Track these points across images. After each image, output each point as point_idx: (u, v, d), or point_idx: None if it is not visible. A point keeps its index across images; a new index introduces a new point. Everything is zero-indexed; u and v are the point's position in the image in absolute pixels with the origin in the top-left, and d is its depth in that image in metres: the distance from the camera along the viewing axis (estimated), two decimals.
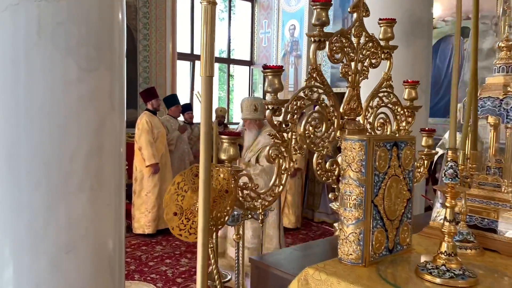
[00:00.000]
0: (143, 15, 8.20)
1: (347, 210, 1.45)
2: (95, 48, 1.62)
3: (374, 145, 1.47)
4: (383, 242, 1.51)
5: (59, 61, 1.54)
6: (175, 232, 1.45)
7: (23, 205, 1.53)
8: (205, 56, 1.20)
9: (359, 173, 1.44)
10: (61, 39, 1.53)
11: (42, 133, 1.53)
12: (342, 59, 2.07)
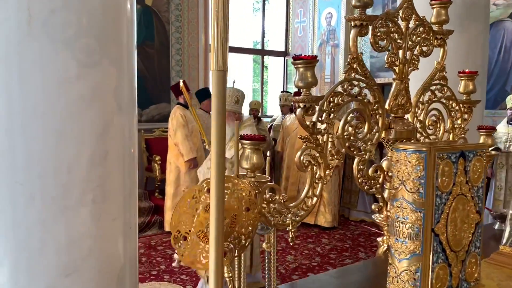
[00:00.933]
0: (175, 7, 8.03)
1: (400, 241, 1.16)
2: (96, 39, 1.39)
3: (436, 157, 1.16)
4: (446, 281, 1.21)
5: (55, 55, 1.32)
6: (185, 261, 1.21)
7: (17, 220, 1.33)
8: (216, 47, 0.95)
9: (417, 194, 1.15)
10: (56, 30, 1.31)
11: (36, 140, 1.33)
12: (388, 46, 1.77)
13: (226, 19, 0.99)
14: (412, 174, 1.16)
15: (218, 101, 0.99)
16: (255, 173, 1.41)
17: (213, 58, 0.96)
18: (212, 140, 1.04)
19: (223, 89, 0.98)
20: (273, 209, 1.49)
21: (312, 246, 5.79)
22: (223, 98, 0.99)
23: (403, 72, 1.81)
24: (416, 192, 1.15)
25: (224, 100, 1.00)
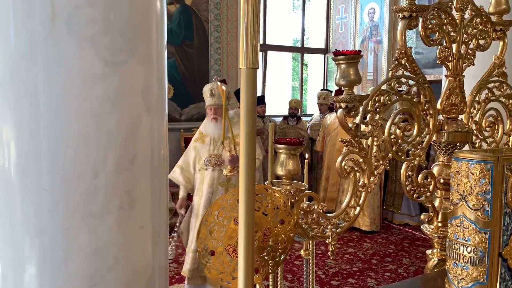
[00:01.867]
0: (214, 5, 7.99)
1: (460, 266, 1.00)
2: (123, 37, 1.31)
3: (506, 168, 1.00)
4: None
5: (79, 53, 1.25)
6: (213, 276, 1.11)
7: (41, 229, 1.28)
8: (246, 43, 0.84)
9: (481, 211, 0.98)
10: (81, 27, 1.24)
11: (60, 143, 1.26)
12: (440, 40, 1.60)
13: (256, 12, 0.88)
14: (475, 188, 1.00)
15: (248, 100, 0.88)
16: (291, 181, 1.29)
17: (243, 55, 0.85)
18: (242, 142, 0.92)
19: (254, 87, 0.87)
20: (311, 220, 1.36)
21: (353, 250, 5.58)
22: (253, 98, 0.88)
23: (457, 68, 1.64)
24: (480, 209, 0.99)
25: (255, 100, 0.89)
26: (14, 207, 1.31)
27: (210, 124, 3.75)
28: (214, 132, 3.71)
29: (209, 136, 3.71)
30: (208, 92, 3.75)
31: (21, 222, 1.29)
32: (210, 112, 3.76)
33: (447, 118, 1.65)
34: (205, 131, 3.75)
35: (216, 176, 3.68)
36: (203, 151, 3.70)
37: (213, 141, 3.72)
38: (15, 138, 1.29)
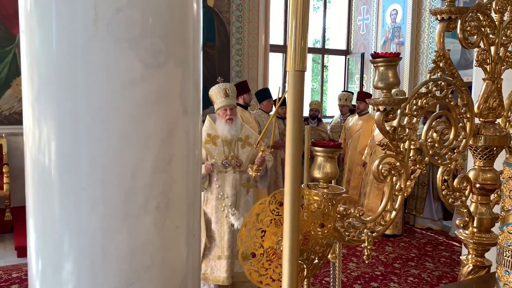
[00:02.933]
0: (236, 7, 8.03)
1: (511, 273, 0.99)
2: (162, 39, 1.32)
3: None
4: None
5: (120, 56, 1.27)
6: (253, 279, 1.11)
7: (80, 229, 1.30)
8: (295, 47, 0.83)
9: None
10: (121, 29, 1.26)
11: (100, 143, 1.28)
12: (478, 42, 1.57)
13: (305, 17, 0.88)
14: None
15: (294, 103, 0.88)
16: (328, 184, 1.28)
17: (290, 57, 0.85)
18: (287, 144, 0.92)
19: (301, 90, 0.87)
20: (347, 224, 1.35)
21: (375, 254, 5.53)
22: (301, 100, 0.88)
23: (495, 71, 1.61)
24: None
25: (302, 102, 0.89)
26: (54, 206, 1.33)
27: (224, 125, 3.61)
28: (228, 133, 3.60)
29: (220, 138, 3.62)
30: (222, 92, 3.60)
31: (60, 220, 1.31)
32: (224, 113, 3.60)
33: (484, 122, 1.62)
34: (214, 132, 3.64)
35: (238, 178, 3.66)
36: (216, 153, 3.62)
37: (226, 142, 3.64)
38: (55, 138, 1.31)
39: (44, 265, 1.37)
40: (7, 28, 6.35)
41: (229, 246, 3.57)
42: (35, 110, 1.36)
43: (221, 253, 3.56)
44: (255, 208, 1.13)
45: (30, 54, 1.37)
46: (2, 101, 6.42)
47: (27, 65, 1.39)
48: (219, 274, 3.56)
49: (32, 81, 1.38)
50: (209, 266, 3.61)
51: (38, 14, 1.31)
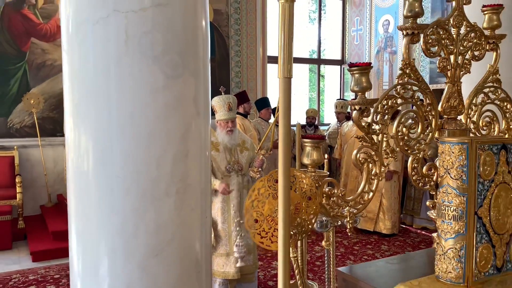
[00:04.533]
0: (234, 21, 8.39)
1: (446, 222, 1.29)
2: (179, 55, 1.64)
3: (478, 148, 1.29)
4: (490, 260, 1.33)
5: (146, 69, 1.58)
6: (256, 240, 1.41)
7: (115, 209, 1.60)
8: (283, 57, 1.14)
9: (460, 180, 1.28)
10: (148, 48, 1.57)
11: (132, 140, 1.59)
12: (439, 52, 1.89)
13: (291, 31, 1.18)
14: (455, 163, 1.29)
15: (284, 103, 1.18)
16: (315, 169, 1.59)
17: (280, 66, 1.15)
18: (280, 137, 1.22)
19: (289, 93, 1.17)
20: (332, 202, 1.65)
21: (372, 252, 5.80)
22: (289, 100, 1.18)
23: (455, 76, 1.92)
24: (459, 179, 1.28)
25: (289, 103, 1.19)
26: (91, 192, 1.63)
27: (225, 136, 3.88)
28: (228, 142, 3.88)
29: (222, 145, 3.91)
30: (226, 106, 3.86)
31: (99, 204, 1.62)
32: (226, 125, 3.87)
33: (447, 118, 1.93)
34: (215, 139, 3.90)
35: (241, 181, 3.96)
36: (219, 159, 3.91)
37: (227, 149, 3.93)
38: (93, 139, 1.62)
39: (84, 241, 1.67)
40: (17, 45, 6.69)
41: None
42: (75, 121, 1.66)
43: (229, 250, 3.85)
44: (256, 185, 1.43)
45: (71, 71, 1.68)
46: (14, 115, 6.74)
47: (68, 81, 1.70)
48: (228, 270, 3.85)
49: (73, 94, 1.68)
50: (216, 262, 3.89)
51: (78, 36, 1.63)
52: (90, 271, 1.65)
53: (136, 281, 1.61)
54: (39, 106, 6.77)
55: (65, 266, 5.02)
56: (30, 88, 6.80)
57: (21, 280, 4.69)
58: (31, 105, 6.72)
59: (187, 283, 1.69)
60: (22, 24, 6.69)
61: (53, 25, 6.89)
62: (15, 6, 6.64)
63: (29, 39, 6.75)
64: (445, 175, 1.35)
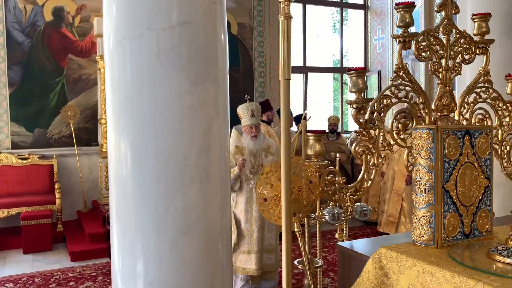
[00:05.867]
0: (258, 34, 8.74)
1: (418, 195, 1.53)
2: (201, 65, 1.94)
3: (443, 133, 1.53)
4: (457, 227, 1.55)
5: (174, 77, 1.89)
6: (266, 216, 1.68)
7: (149, 194, 1.90)
8: (283, 63, 1.41)
9: (428, 160, 1.52)
10: (175, 59, 1.88)
11: (163, 136, 1.89)
12: (430, 57, 2.12)
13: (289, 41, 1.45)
14: (424, 146, 1.53)
15: (285, 100, 1.45)
16: (317, 159, 1.85)
17: (281, 70, 1.42)
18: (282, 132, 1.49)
19: (289, 92, 1.43)
20: (334, 188, 1.91)
21: None
22: (289, 98, 1.44)
23: (446, 78, 2.15)
24: (428, 158, 1.52)
25: (289, 101, 1.45)
26: (127, 181, 1.93)
27: (250, 141, 4.15)
28: (253, 147, 4.16)
29: (247, 149, 4.18)
30: (249, 112, 4.15)
31: (135, 190, 1.92)
32: (250, 131, 4.15)
33: (440, 116, 2.16)
34: (241, 144, 4.19)
35: None
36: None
37: (252, 153, 4.18)
38: (130, 137, 1.93)
39: (123, 222, 1.97)
40: (56, 61, 7.21)
41: (258, 242, 4.10)
42: (116, 119, 1.98)
43: (251, 248, 4.11)
44: (265, 169, 1.70)
45: (112, 81, 2.00)
46: (52, 126, 7.23)
47: (110, 89, 2.01)
48: (249, 267, 4.10)
49: (114, 100, 2.00)
50: (238, 259, 4.15)
51: (118, 51, 1.95)
52: (128, 248, 1.95)
53: (167, 256, 1.90)
54: (75, 117, 7.24)
55: (101, 265, 5.40)
56: (68, 101, 7.29)
57: (61, 277, 5.08)
58: (69, 117, 7.20)
59: (210, 257, 1.96)
60: (60, 41, 7.21)
61: (88, 42, 7.39)
62: (54, 25, 7.17)
63: (66, 55, 7.26)
64: (417, 156, 1.59)
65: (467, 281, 1.24)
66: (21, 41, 6.98)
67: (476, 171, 1.61)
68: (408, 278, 1.37)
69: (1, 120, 6.92)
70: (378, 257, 1.52)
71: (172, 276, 1.90)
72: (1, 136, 6.95)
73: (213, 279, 2.00)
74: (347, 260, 1.77)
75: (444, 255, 1.40)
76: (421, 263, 1.36)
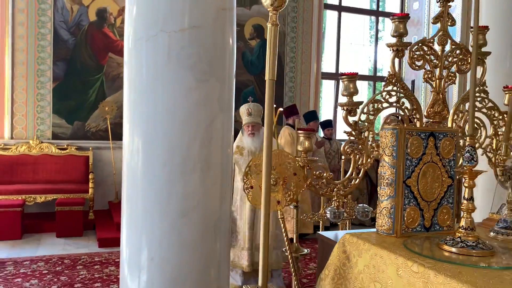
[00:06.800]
0: (290, 40, 8.92)
1: (381, 188, 1.67)
2: (208, 65, 2.14)
3: (406, 133, 1.66)
4: (417, 219, 1.68)
5: (182, 74, 2.10)
6: (252, 202, 1.86)
7: (154, 179, 2.12)
8: (269, 65, 1.59)
9: (391, 157, 1.65)
10: (184, 59, 2.09)
11: (169, 127, 2.11)
12: (424, 66, 2.25)
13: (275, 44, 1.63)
14: (388, 144, 1.67)
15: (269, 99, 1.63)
16: (306, 154, 2.01)
17: (267, 71, 1.60)
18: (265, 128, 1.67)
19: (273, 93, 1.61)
20: (321, 183, 2.07)
21: None
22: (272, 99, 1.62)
23: (439, 86, 2.26)
24: (391, 155, 1.65)
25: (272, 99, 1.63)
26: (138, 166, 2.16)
27: (248, 138, 4.36)
28: (251, 145, 4.34)
29: (246, 149, 4.36)
30: (246, 112, 4.39)
31: (143, 175, 2.14)
32: (248, 129, 4.38)
33: (432, 122, 2.27)
34: (241, 144, 4.38)
35: None
36: (242, 162, 4.35)
37: (251, 153, 4.36)
38: (142, 127, 2.15)
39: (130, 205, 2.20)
40: (97, 59, 7.66)
41: (249, 240, 4.27)
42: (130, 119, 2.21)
43: (244, 245, 4.29)
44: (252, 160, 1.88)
45: (129, 78, 2.24)
46: (91, 120, 7.68)
47: (127, 86, 2.25)
48: (243, 262, 4.29)
49: (130, 96, 2.23)
50: (236, 255, 4.33)
51: (136, 50, 2.19)
52: (134, 225, 2.18)
53: (167, 236, 2.11)
54: (112, 113, 7.66)
55: None
56: (106, 97, 7.72)
57: (88, 260, 5.43)
58: (106, 112, 7.63)
59: (206, 240, 2.16)
60: (102, 40, 7.66)
61: None
62: (97, 25, 7.63)
63: (107, 54, 7.70)
64: (382, 153, 1.73)
65: (406, 262, 1.37)
66: (66, 39, 7.46)
67: (439, 170, 1.72)
68: (364, 260, 1.51)
69: (44, 112, 7.42)
70: (342, 242, 1.66)
71: (171, 253, 2.11)
72: (43, 127, 7.44)
73: (209, 262, 2.20)
74: (326, 247, 1.92)
75: (398, 243, 1.53)
76: (375, 247, 1.50)
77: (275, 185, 1.81)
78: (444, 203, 1.74)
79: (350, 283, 1.56)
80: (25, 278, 4.72)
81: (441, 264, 1.31)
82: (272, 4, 1.62)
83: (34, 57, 7.32)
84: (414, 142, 1.69)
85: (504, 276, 1.25)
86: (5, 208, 6.19)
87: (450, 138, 1.81)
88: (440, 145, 1.76)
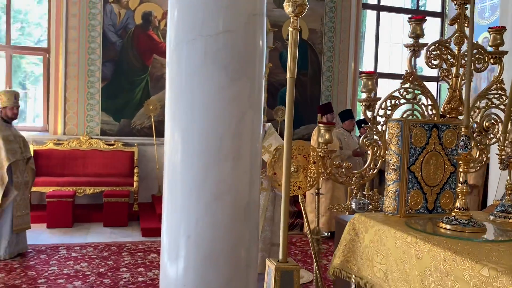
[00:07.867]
0: (328, 39, 9.06)
1: (388, 173, 1.86)
2: (240, 64, 2.39)
3: (410, 125, 1.84)
4: (420, 202, 1.85)
5: (217, 74, 2.36)
6: (275, 186, 2.09)
7: (192, 166, 2.39)
8: (290, 63, 1.81)
9: (397, 145, 1.83)
10: (218, 60, 2.35)
11: (205, 121, 2.37)
12: (440, 65, 2.40)
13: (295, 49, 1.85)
14: (394, 134, 1.85)
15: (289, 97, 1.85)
16: (327, 145, 2.22)
17: (288, 70, 1.82)
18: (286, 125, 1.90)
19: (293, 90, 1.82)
20: (341, 172, 2.27)
21: None
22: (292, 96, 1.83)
23: (455, 84, 2.40)
24: (396, 144, 1.83)
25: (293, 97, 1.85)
26: (177, 154, 2.44)
27: None
28: None
29: None
30: None
31: (182, 162, 2.42)
32: None
33: (448, 117, 2.41)
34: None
35: None
36: None
37: None
38: (180, 123, 2.43)
39: (171, 187, 2.48)
40: (142, 60, 8.12)
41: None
42: (171, 114, 2.49)
43: None
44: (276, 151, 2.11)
45: (170, 78, 2.52)
46: (136, 117, 8.14)
47: (169, 85, 2.54)
48: None
49: (171, 94, 2.52)
50: None
51: (177, 52, 2.47)
52: (173, 207, 2.46)
53: (203, 216, 2.38)
54: (156, 111, 8.08)
55: None
56: (150, 96, 8.15)
57: (132, 248, 5.83)
58: (150, 110, 8.06)
59: (237, 221, 2.41)
60: (147, 42, 8.11)
61: None
62: (142, 28, 8.08)
63: (151, 55, 8.14)
64: (389, 143, 1.90)
65: (403, 235, 1.55)
66: (114, 41, 7.95)
67: (442, 158, 1.88)
68: (369, 236, 1.70)
69: (94, 110, 7.94)
70: (353, 221, 1.85)
71: (205, 232, 2.38)
72: (93, 124, 7.97)
73: (239, 241, 2.45)
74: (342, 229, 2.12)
75: (401, 221, 1.71)
76: (379, 224, 1.68)
77: (296, 172, 2.03)
78: (447, 188, 1.90)
79: (357, 256, 1.76)
80: (76, 261, 5.17)
81: (431, 237, 1.49)
82: (294, 11, 1.84)
83: (85, 59, 7.85)
84: (417, 133, 1.86)
85: (483, 246, 1.41)
86: (58, 198, 6.71)
87: (453, 129, 1.96)
88: (443, 136, 1.92)
